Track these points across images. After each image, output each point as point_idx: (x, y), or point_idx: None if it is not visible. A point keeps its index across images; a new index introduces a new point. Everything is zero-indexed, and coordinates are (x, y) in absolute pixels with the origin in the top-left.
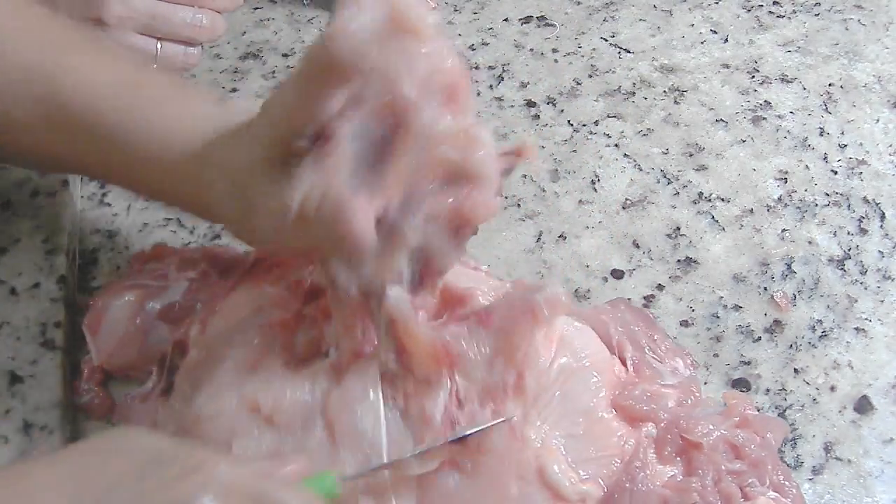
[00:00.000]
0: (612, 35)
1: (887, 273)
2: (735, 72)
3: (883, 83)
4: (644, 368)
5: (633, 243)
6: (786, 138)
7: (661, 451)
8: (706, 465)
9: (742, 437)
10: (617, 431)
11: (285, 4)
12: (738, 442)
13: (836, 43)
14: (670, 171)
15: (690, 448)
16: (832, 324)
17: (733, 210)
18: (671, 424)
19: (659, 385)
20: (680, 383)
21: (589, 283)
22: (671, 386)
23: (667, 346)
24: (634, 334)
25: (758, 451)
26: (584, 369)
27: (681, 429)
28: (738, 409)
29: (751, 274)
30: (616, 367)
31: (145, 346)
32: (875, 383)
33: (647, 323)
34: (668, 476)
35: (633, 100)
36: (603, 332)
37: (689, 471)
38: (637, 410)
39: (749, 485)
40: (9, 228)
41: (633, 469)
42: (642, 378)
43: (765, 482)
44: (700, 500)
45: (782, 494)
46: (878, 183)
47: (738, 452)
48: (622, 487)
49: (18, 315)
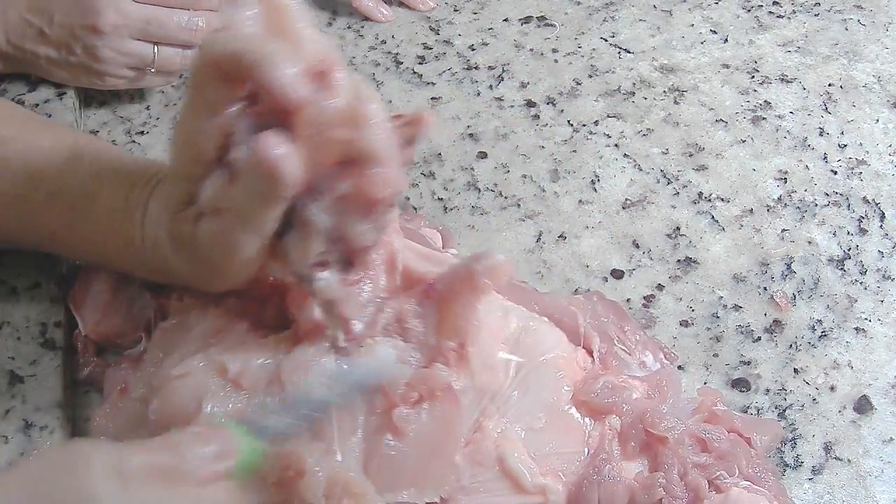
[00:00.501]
0: (612, 35)
1: (887, 273)
2: (735, 72)
3: (883, 83)
4: (611, 360)
5: (633, 243)
6: (786, 138)
7: (625, 445)
8: (671, 459)
9: (709, 431)
10: (580, 425)
11: None
12: (705, 436)
13: (836, 43)
14: (670, 171)
15: (655, 443)
16: (832, 324)
17: (733, 210)
18: (636, 419)
19: (626, 376)
20: (648, 376)
21: (589, 283)
22: (639, 378)
23: (637, 338)
24: (604, 325)
25: (725, 445)
26: (544, 365)
27: (646, 423)
28: (708, 404)
29: (751, 274)
30: (580, 358)
31: (130, 313)
32: (875, 383)
33: (618, 315)
34: (634, 472)
35: (633, 100)
36: (571, 323)
37: (654, 466)
38: (598, 403)
39: (718, 477)
40: None
41: (600, 461)
42: (608, 369)
43: (734, 473)
44: (666, 494)
45: (757, 484)
46: (878, 183)
47: (704, 446)
48: (589, 479)
49: (18, 315)
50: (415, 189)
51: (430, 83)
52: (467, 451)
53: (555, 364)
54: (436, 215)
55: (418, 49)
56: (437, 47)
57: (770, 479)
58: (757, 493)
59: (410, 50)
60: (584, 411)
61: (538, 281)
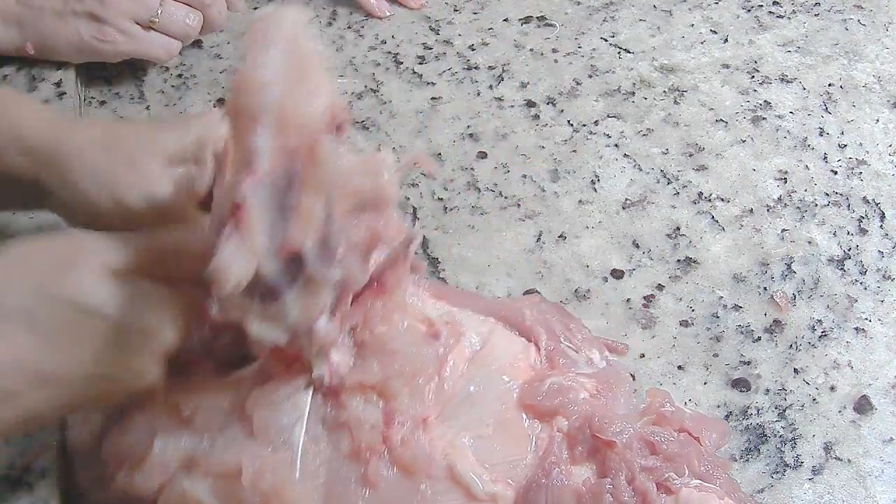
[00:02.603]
0: (612, 35)
1: (887, 273)
2: (735, 72)
3: (883, 83)
4: (558, 358)
5: (633, 243)
6: (786, 138)
7: (572, 449)
8: (619, 463)
9: (656, 433)
10: (527, 430)
11: None
12: (653, 438)
13: (836, 43)
14: (670, 171)
15: (603, 447)
16: (832, 324)
17: (733, 210)
18: (583, 422)
19: (574, 374)
20: (597, 373)
21: (589, 283)
22: (587, 375)
23: (583, 336)
24: (549, 323)
25: (674, 446)
26: (492, 372)
27: (593, 428)
28: (656, 405)
29: (751, 274)
30: (531, 356)
31: None
32: (875, 383)
33: (562, 313)
34: (582, 478)
35: (633, 100)
36: (517, 319)
37: (602, 471)
38: (545, 407)
39: (667, 479)
40: (9, 228)
41: (548, 465)
42: (555, 367)
43: (684, 473)
44: (614, 500)
45: (708, 481)
46: (878, 183)
47: (653, 448)
48: (537, 483)
49: None
50: (415, 189)
51: (430, 83)
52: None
53: (503, 370)
54: (436, 215)
55: (418, 49)
56: (437, 47)
57: (721, 476)
58: (708, 490)
59: (410, 50)
60: (531, 414)
61: (538, 281)
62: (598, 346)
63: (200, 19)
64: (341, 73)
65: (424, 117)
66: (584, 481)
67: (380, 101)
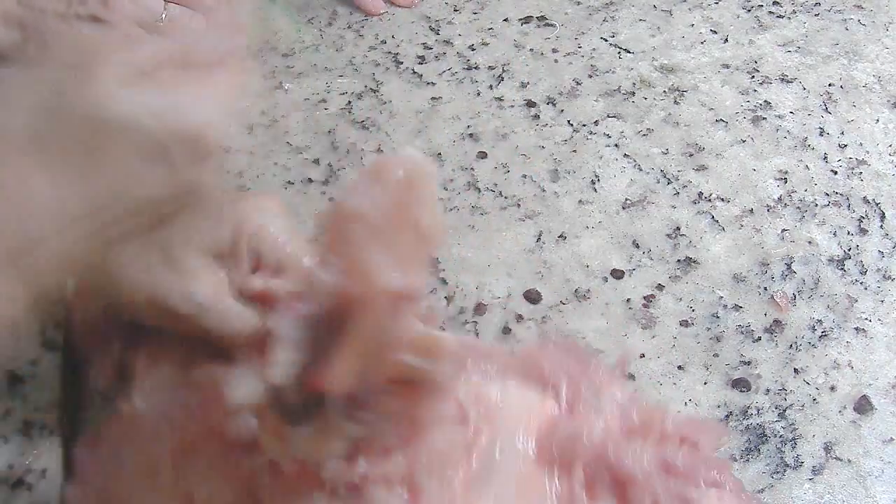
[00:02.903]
0: (612, 35)
1: (887, 273)
2: (735, 72)
3: (883, 83)
4: (577, 404)
5: (633, 243)
6: (786, 138)
7: (591, 489)
8: (641, 493)
9: (668, 452)
10: (546, 484)
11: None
12: (668, 457)
13: (836, 43)
14: (670, 171)
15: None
16: (832, 324)
17: (733, 210)
18: (597, 460)
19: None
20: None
21: (589, 283)
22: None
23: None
24: (569, 369)
25: (686, 461)
26: (508, 432)
27: (607, 462)
28: (655, 424)
29: (751, 274)
30: (548, 408)
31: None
32: (875, 383)
33: (578, 356)
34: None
35: (633, 100)
36: (537, 372)
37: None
38: (560, 455)
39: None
40: None
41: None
42: (574, 414)
43: (699, 484)
44: None
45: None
46: (878, 183)
47: (667, 468)
48: None
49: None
50: None
51: (430, 83)
52: None
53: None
54: None
55: (418, 49)
56: (437, 47)
57: (729, 479)
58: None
59: (410, 50)
60: (549, 466)
61: (538, 281)
62: (617, 382)
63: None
64: (341, 74)
65: (424, 117)
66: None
67: (380, 101)
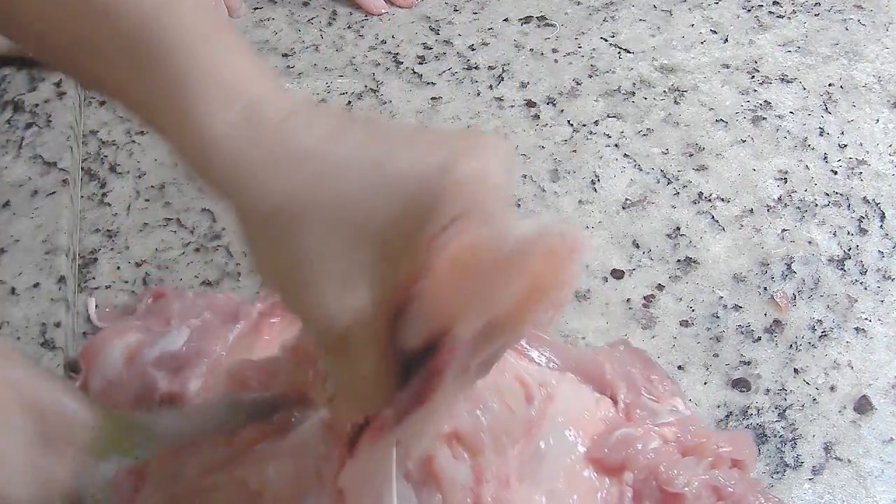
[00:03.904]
0: (612, 35)
1: (887, 273)
2: (735, 72)
3: (883, 83)
4: (635, 410)
5: (633, 243)
6: (786, 138)
7: (638, 501)
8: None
9: (722, 477)
10: (596, 484)
11: (285, 4)
12: (719, 483)
13: (836, 43)
14: (670, 171)
15: (671, 500)
16: (832, 324)
17: (733, 210)
18: (649, 475)
19: (649, 425)
20: (678, 421)
21: (589, 283)
22: (667, 424)
23: (665, 386)
24: (631, 376)
25: (738, 488)
26: (559, 426)
27: (659, 479)
28: (710, 447)
29: (751, 274)
30: (603, 409)
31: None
32: (875, 383)
33: (645, 363)
34: None
35: (633, 100)
36: (598, 374)
37: None
38: (612, 460)
39: None
40: (9, 228)
41: None
42: (631, 420)
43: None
44: None
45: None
46: (878, 183)
47: (719, 493)
48: None
49: (18, 315)
50: None
51: (430, 83)
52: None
53: (571, 424)
54: None
55: (418, 49)
56: (437, 47)
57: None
58: None
59: (410, 50)
60: (599, 469)
61: None
62: (681, 394)
63: None
64: (341, 74)
65: (424, 117)
66: None
67: (380, 101)
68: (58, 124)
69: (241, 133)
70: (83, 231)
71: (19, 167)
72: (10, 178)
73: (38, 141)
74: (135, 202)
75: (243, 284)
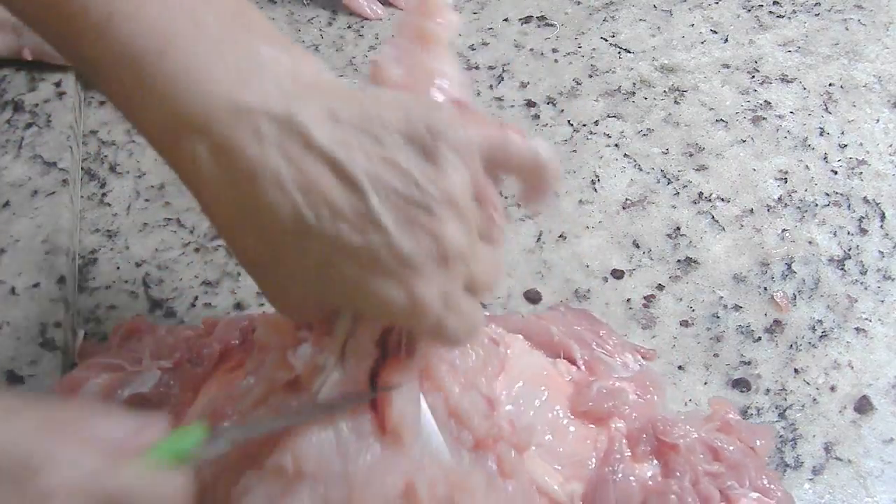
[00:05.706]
0: (612, 35)
1: (887, 273)
2: (735, 72)
3: (883, 83)
4: (598, 365)
5: (633, 243)
6: (786, 138)
7: (634, 448)
8: (683, 466)
9: (721, 440)
10: (585, 433)
11: (285, 4)
12: (717, 445)
13: (836, 43)
14: (670, 171)
15: (667, 449)
16: (832, 324)
17: (733, 210)
18: (645, 425)
19: (615, 378)
20: (634, 376)
21: (589, 283)
22: (625, 379)
23: (615, 341)
24: (579, 333)
25: (737, 455)
26: (528, 384)
27: (657, 431)
28: (721, 413)
29: (751, 274)
30: (563, 370)
31: None
32: (875, 383)
33: (590, 321)
34: (647, 475)
35: (633, 100)
36: (545, 337)
37: (666, 472)
38: (599, 411)
39: (728, 487)
40: (9, 228)
41: (613, 460)
42: (597, 375)
43: (745, 484)
44: (678, 501)
45: (766, 496)
46: (878, 183)
47: (716, 455)
48: (604, 479)
49: (18, 315)
50: None
51: None
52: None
53: (535, 382)
54: None
55: None
56: None
57: (779, 492)
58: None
59: None
60: (587, 420)
61: (538, 281)
62: (630, 350)
63: None
64: (341, 74)
65: None
66: (649, 478)
67: None
68: (58, 124)
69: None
70: (83, 231)
71: (19, 167)
72: (10, 178)
73: (38, 141)
74: (135, 202)
75: (243, 284)
